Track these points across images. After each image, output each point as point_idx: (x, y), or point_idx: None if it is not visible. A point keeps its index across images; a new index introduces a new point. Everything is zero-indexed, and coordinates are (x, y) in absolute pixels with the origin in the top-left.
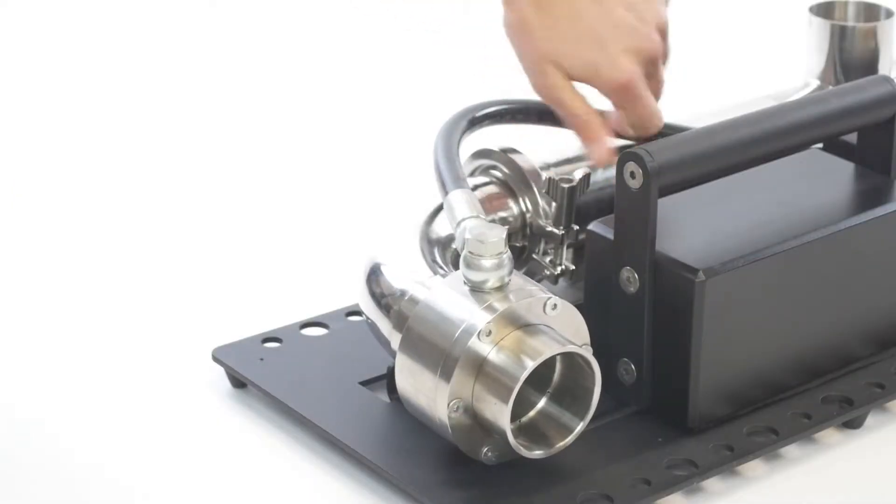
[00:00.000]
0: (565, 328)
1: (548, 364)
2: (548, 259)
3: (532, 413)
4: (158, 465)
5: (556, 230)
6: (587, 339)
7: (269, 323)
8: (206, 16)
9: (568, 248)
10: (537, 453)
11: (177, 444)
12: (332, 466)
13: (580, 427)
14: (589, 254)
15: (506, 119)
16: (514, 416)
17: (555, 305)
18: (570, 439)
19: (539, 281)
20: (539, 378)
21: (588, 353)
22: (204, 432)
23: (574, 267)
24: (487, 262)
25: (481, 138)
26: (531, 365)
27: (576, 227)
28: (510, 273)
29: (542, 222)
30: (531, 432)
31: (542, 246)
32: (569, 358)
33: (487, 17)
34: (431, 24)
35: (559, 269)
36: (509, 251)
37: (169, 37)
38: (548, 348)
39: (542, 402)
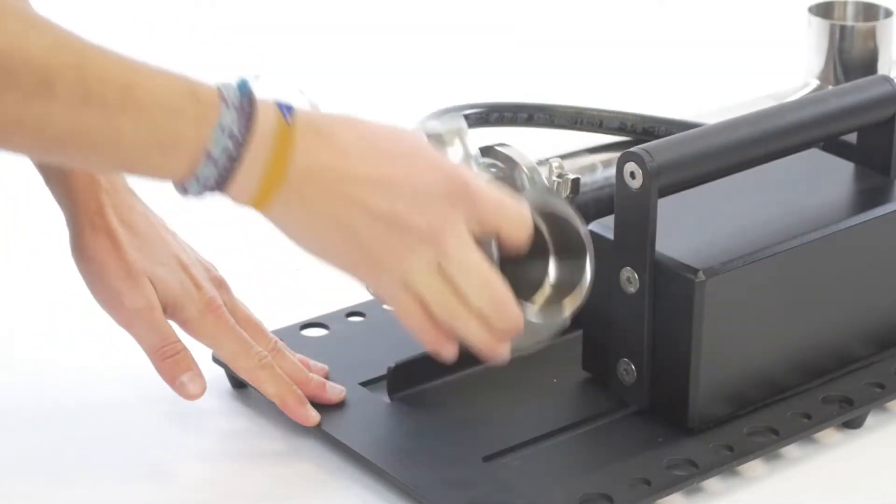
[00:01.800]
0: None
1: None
2: None
3: (545, 288)
4: (158, 464)
5: None
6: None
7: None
8: (205, 14)
9: None
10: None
11: (177, 444)
12: (332, 466)
13: (589, 269)
14: None
15: (493, 120)
16: (527, 298)
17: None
18: (586, 284)
19: None
20: (533, 269)
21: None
22: (204, 432)
23: None
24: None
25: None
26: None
27: None
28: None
29: None
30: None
31: None
32: (550, 222)
33: (475, 19)
34: (419, 23)
35: None
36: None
37: (169, 36)
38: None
39: (549, 273)
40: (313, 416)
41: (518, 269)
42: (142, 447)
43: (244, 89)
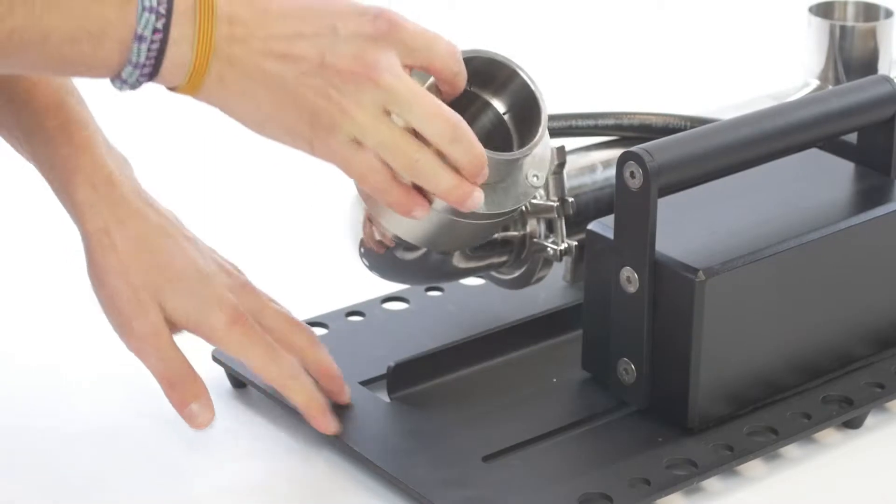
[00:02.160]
0: None
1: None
2: (550, 240)
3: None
4: (158, 464)
5: (550, 202)
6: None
7: None
8: None
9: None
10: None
11: (177, 444)
12: (332, 466)
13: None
14: (589, 254)
15: None
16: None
17: None
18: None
19: (543, 264)
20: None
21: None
22: (204, 432)
23: (576, 242)
24: None
25: None
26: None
27: (570, 199)
28: None
29: (536, 200)
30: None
31: (541, 229)
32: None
33: (475, 19)
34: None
35: (563, 245)
36: None
37: None
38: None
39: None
40: (334, 425)
41: (475, 126)
42: (141, 447)
43: None
